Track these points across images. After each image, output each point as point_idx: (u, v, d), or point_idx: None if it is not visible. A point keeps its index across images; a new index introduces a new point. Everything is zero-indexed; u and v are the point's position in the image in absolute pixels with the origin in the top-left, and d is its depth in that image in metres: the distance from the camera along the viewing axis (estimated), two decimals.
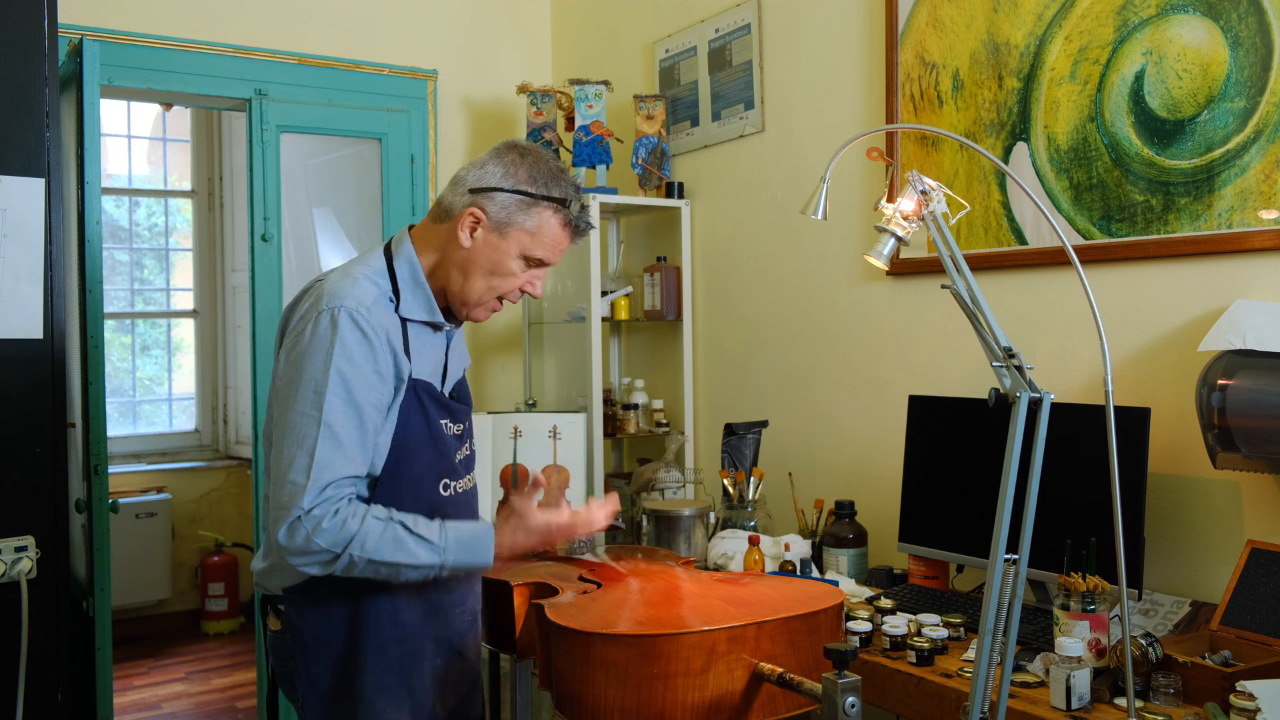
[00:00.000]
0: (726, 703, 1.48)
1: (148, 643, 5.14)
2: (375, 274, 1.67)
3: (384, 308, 1.63)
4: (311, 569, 1.55)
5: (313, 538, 1.51)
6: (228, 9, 3.45)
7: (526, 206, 1.65)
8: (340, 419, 1.55)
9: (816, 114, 2.94)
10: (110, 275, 5.61)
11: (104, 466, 2.94)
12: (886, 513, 2.64)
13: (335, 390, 1.55)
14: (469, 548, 1.60)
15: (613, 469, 3.67)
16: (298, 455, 1.54)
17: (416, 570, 1.57)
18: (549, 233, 1.67)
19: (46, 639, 2.40)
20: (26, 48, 2.39)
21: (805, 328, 3.00)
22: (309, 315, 1.61)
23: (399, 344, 1.63)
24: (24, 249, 2.40)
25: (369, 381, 1.58)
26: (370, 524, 1.54)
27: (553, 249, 1.69)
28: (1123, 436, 1.88)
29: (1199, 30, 2.02)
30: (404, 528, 1.56)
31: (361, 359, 1.57)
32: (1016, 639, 1.53)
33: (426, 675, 1.69)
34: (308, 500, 1.51)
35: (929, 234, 1.58)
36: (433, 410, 1.68)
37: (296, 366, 1.59)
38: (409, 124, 3.74)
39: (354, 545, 1.52)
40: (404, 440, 1.63)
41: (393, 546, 1.54)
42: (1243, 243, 1.95)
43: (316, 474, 1.52)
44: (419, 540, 1.56)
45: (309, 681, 1.65)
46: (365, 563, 1.53)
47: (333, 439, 1.54)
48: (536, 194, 1.66)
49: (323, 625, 1.65)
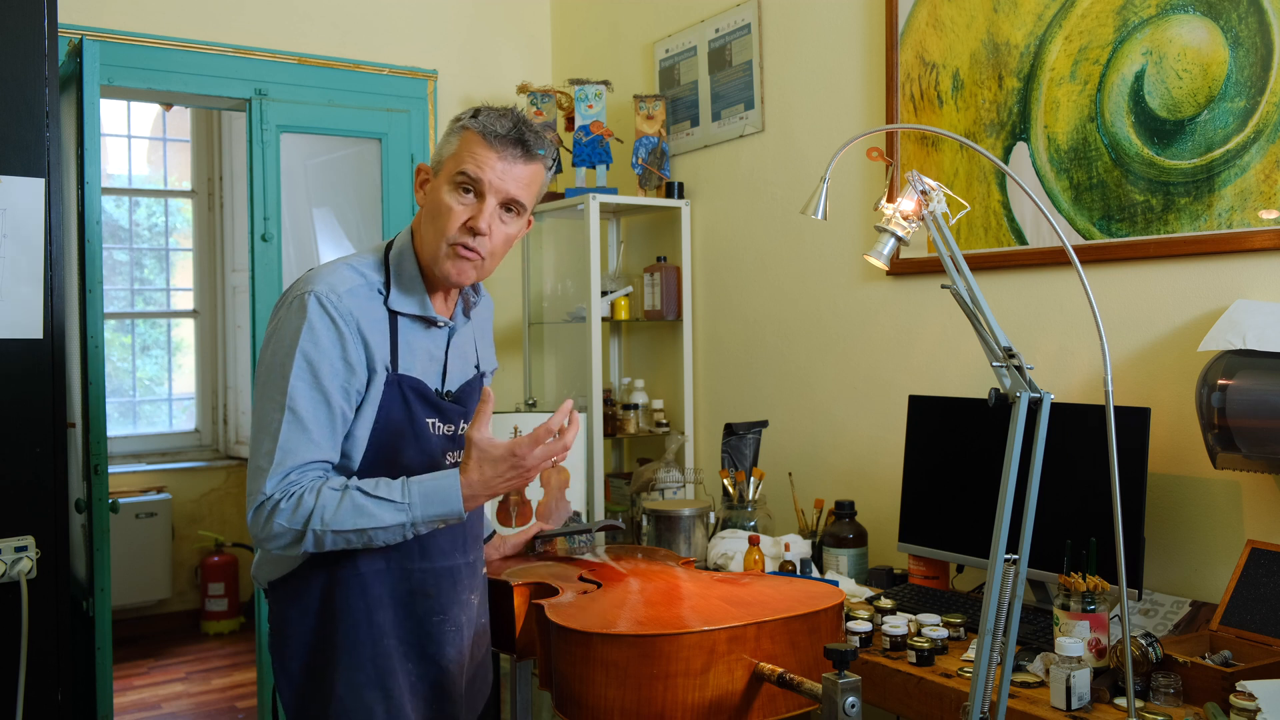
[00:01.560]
0: (726, 703, 1.48)
1: (148, 643, 5.14)
2: (364, 265, 1.66)
3: (362, 295, 1.61)
4: (283, 550, 1.54)
5: (274, 519, 1.50)
6: (228, 9, 3.45)
7: (447, 136, 1.66)
8: (305, 404, 1.53)
9: (816, 114, 2.94)
10: (110, 275, 5.61)
11: (104, 466, 2.94)
12: (886, 513, 2.64)
13: (300, 375, 1.53)
14: (435, 498, 1.53)
15: (613, 469, 3.67)
16: (263, 440, 1.53)
17: (387, 532, 1.52)
18: (465, 146, 1.62)
19: (46, 639, 2.40)
20: (26, 48, 2.39)
21: (805, 328, 3.00)
22: (282, 300, 1.62)
23: (377, 334, 1.61)
24: (24, 249, 2.40)
25: (335, 367, 1.56)
26: (326, 495, 1.51)
27: (474, 162, 1.61)
28: (1123, 436, 1.88)
29: (1199, 30, 2.02)
30: (362, 492, 1.52)
31: (328, 344, 1.56)
32: (1016, 639, 1.53)
33: (400, 679, 1.65)
34: (269, 485, 1.51)
35: (929, 234, 1.58)
36: (418, 408, 1.65)
37: (270, 353, 1.58)
38: (409, 124, 3.74)
39: (314, 520, 1.50)
40: (382, 437, 1.61)
41: (353, 513, 1.51)
42: (1243, 243, 1.95)
43: (280, 458, 1.51)
44: (380, 501, 1.52)
45: (285, 676, 1.65)
46: (331, 535, 1.51)
47: (297, 424, 1.52)
48: (453, 122, 1.66)
49: (298, 621, 1.64)
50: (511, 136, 1.62)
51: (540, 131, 1.68)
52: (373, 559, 1.63)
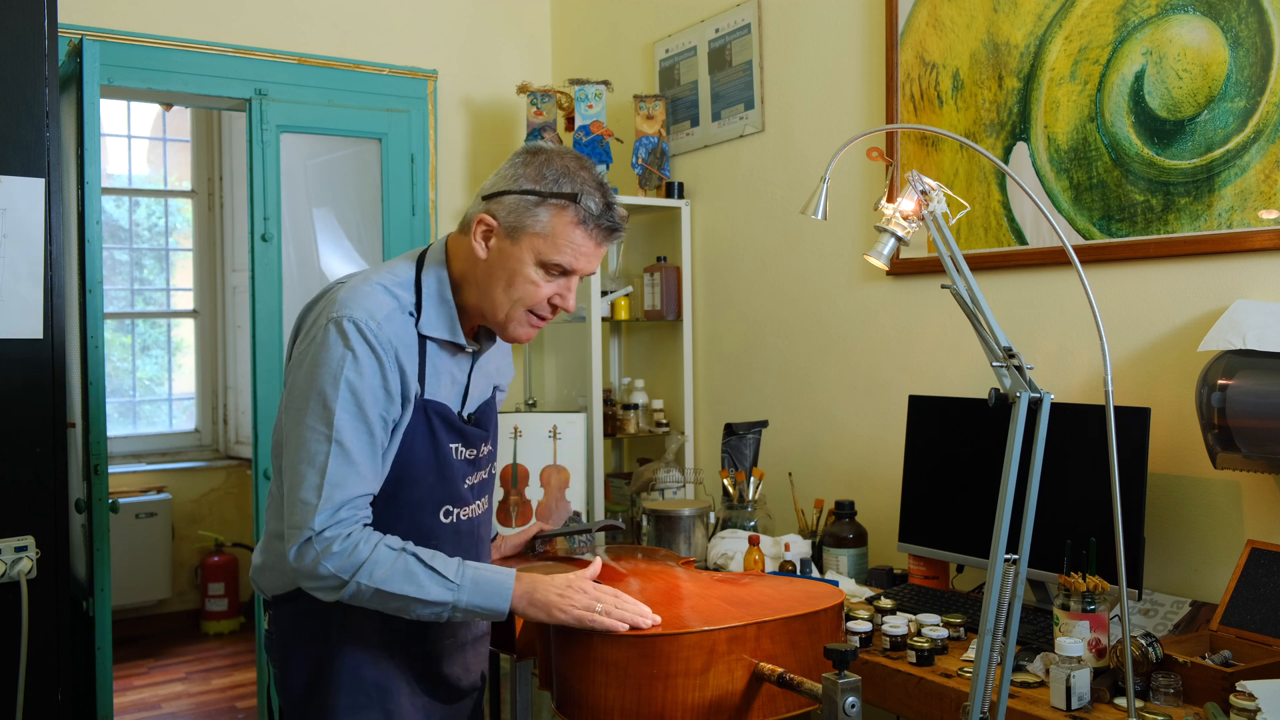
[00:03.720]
0: (726, 703, 1.48)
1: (148, 643, 5.14)
2: (397, 284, 1.58)
3: (398, 321, 1.55)
4: (320, 594, 1.49)
5: (321, 560, 1.45)
6: (228, 9, 3.45)
7: (534, 206, 1.53)
8: (351, 436, 1.48)
9: (816, 114, 2.94)
10: (110, 275, 5.61)
11: (104, 466, 2.94)
12: (886, 513, 2.64)
13: (345, 405, 1.48)
14: (485, 591, 1.50)
15: (613, 469, 3.67)
16: (308, 474, 1.47)
17: (427, 607, 1.48)
18: (563, 233, 1.53)
19: (46, 639, 2.40)
20: (26, 48, 2.39)
21: (805, 328, 3.00)
22: (319, 322, 1.54)
23: (410, 361, 1.55)
24: (24, 249, 2.40)
25: (377, 397, 1.50)
26: (382, 552, 1.47)
27: (572, 252, 1.54)
28: (1123, 436, 1.88)
29: (1199, 30, 2.02)
30: (417, 560, 1.48)
31: (370, 373, 1.50)
32: (1016, 639, 1.53)
33: (405, 702, 1.63)
34: (319, 520, 1.45)
35: (929, 234, 1.58)
36: (443, 434, 1.61)
37: (306, 378, 1.51)
38: (409, 124, 3.74)
39: (362, 573, 1.45)
40: (405, 463, 1.57)
41: (403, 578, 1.46)
42: (1243, 243, 1.95)
43: (329, 493, 1.46)
44: (432, 574, 1.48)
45: (285, 691, 1.64)
46: (373, 592, 1.46)
47: (344, 456, 1.47)
48: (544, 191, 1.53)
49: (302, 640, 1.62)
50: (609, 227, 1.56)
51: (622, 207, 1.62)
52: None
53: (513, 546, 2.19)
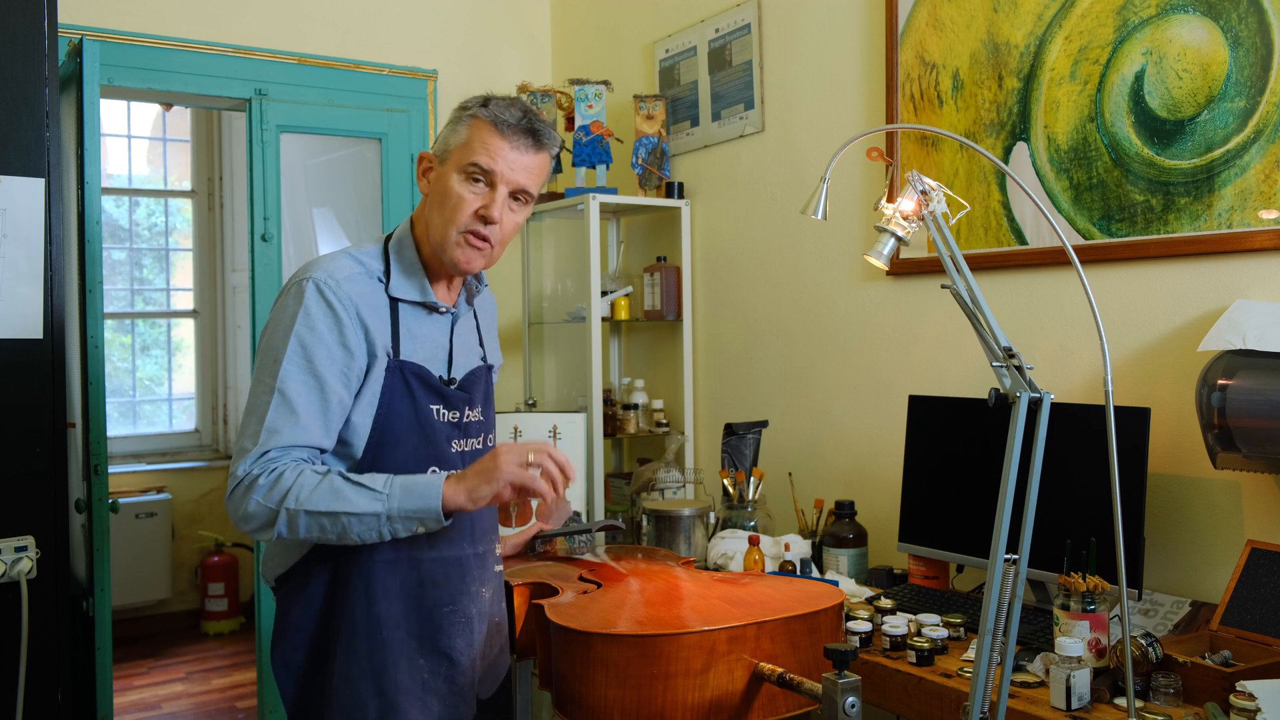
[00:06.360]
0: (726, 703, 1.48)
1: (148, 643, 5.14)
2: (364, 254, 1.67)
3: (361, 282, 1.62)
4: (258, 534, 1.52)
5: (250, 496, 1.48)
6: (228, 9, 3.45)
7: (455, 125, 1.65)
8: (295, 387, 1.52)
9: (816, 114, 2.94)
10: (110, 275, 5.61)
11: (104, 466, 2.94)
12: (886, 513, 2.64)
13: (293, 359, 1.53)
14: (416, 493, 1.50)
15: (613, 469, 3.67)
16: (249, 423, 1.53)
17: (360, 521, 1.49)
18: (476, 136, 1.62)
19: (46, 639, 2.40)
20: (26, 48, 2.39)
21: (805, 328, 3.00)
22: (283, 289, 1.63)
23: (377, 320, 1.61)
24: (24, 249, 2.40)
25: (332, 353, 1.55)
26: (307, 477, 1.49)
27: (486, 152, 1.61)
28: (1123, 436, 1.88)
29: (1199, 30, 2.02)
30: (343, 478, 1.51)
31: (325, 329, 1.55)
32: (1016, 639, 1.53)
33: (404, 675, 1.62)
34: (247, 464, 1.50)
35: (929, 234, 1.58)
36: (421, 394, 1.64)
37: (263, 339, 1.60)
38: (409, 124, 3.75)
39: (289, 498, 1.48)
40: (385, 423, 1.60)
41: (329, 495, 1.48)
42: (1243, 243, 1.95)
43: (264, 439, 1.50)
44: (358, 488, 1.50)
45: (287, 671, 1.65)
46: (305, 516, 1.48)
47: (285, 406, 1.51)
48: (462, 107, 1.66)
49: (301, 613, 1.64)
50: (523, 126, 1.63)
51: (546, 121, 1.69)
52: (385, 548, 1.61)
53: (513, 546, 2.19)
